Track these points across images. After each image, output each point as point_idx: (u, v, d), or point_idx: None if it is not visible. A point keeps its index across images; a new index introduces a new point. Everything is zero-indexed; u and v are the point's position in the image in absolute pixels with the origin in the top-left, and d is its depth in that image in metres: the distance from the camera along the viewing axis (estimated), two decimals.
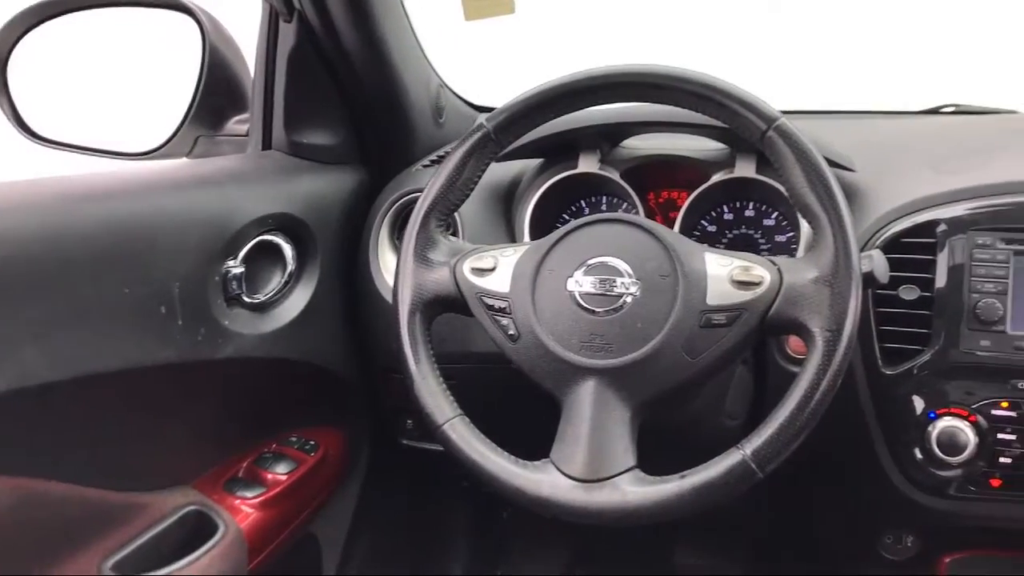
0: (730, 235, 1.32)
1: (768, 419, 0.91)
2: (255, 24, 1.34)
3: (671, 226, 1.27)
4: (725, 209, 1.32)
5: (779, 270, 0.95)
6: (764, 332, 0.95)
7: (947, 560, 1.24)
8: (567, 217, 1.37)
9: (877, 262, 0.97)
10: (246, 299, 1.20)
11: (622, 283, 0.96)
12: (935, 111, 1.57)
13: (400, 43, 1.38)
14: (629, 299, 0.95)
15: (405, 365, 1.02)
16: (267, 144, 1.37)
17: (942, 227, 1.11)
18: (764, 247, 1.31)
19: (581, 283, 0.97)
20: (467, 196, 1.07)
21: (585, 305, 0.96)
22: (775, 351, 1.18)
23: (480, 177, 1.06)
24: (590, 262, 0.98)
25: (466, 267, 1.03)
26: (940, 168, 1.18)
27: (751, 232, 1.31)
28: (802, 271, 0.94)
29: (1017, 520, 1.05)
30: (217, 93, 1.40)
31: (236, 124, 1.45)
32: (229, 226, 1.16)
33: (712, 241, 1.33)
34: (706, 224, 1.33)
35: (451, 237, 1.09)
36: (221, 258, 1.15)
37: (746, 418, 1.21)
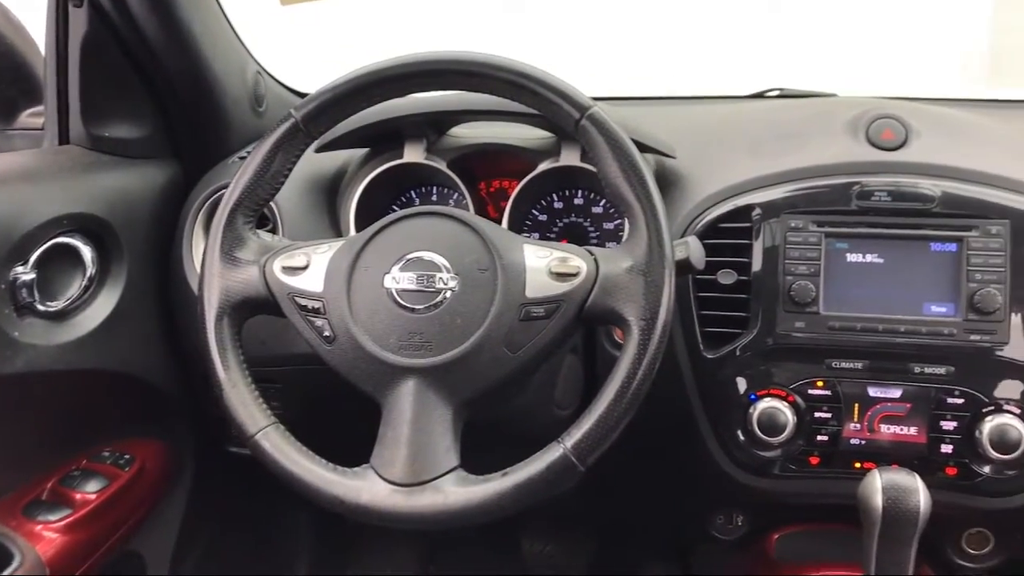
0: (560, 224, 1.31)
1: (587, 411, 0.90)
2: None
3: (501, 216, 1.25)
4: (555, 198, 1.31)
5: (596, 260, 0.94)
6: (583, 323, 0.94)
7: (775, 537, 1.28)
8: (395, 209, 1.33)
9: (693, 248, 0.97)
10: (39, 308, 1.10)
11: (440, 278, 0.93)
12: (760, 95, 1.61)
13: (208, 28, 1.30)
14: (448, 295, 0.92)
15: (213, 373, 0.96)
16: (64, 138, 1.26)
17: (757, 212, 1.13)
18: (593, 235, 1.30)
19: (398, 280, 0.94)
20: (277, 190, 1.01)
21: (403, 302, 0.93)
22: (603, 338, 1.18)
23: (291, 170, 1.01)
24: (407, 257, 0.95)
25: (276, 266, 0.98)
26: (757, 152, 1.20)
27: (581, 220, 1.31)
28: (617, 261, 0.93)
29: (837, 495, 1.08)
30: (6, 83, 1.28)
31: (30, 117, 1.33)
32: (16, 228, 1.06)
33: (544, 230, 1.32)
34: (537, 213, 1.32)
35: (262, 234, 1.03)
36: (8, 264, 1.05)
37: (578, 406, 1.20)
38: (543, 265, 0.94)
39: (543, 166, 1.24)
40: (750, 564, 1.31)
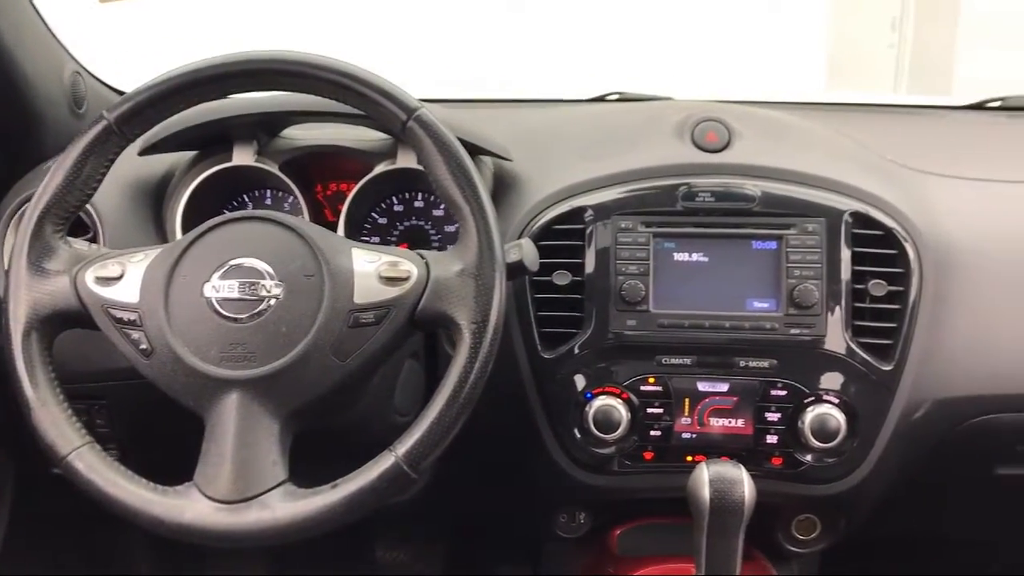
0: (401, 227, 1.30)
1: (418, 418, 0.89)
2: None
3: (338, 220, 1.22)
4: (395, 201, 1.30)
5: (427, 264, 0.93)
6: (415, 328, 0.93)
7: (617, 532, 1.30)
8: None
9: (526, 250, 0.98)
10: None
11: (264, 286, 0.90)
12: (601, 99, 1.64)
13: (17, 26, 1.22)
14: (272, 303, 0.90)
15: (20, 391, 0.90)
16: None
17: (589, 213, 1.14)
18: (435, 238, 1.30)
19: (219, 288, 0.90)
20: (90, 195, 0.96)
21: (224, 312, 0.89)
22: (444, 341, 1.17)
23: (104, 174, 0.95)
24: (228, 264, 0.91)
25: (89, 276, 0.93)
26: (590, 155, 1.22)
27: (422, 223, 1.30)
28: (448, 264, 0.93)
29: (672, 488, 1.11)
30: None
31: None
32: None
33: (384, 234, 1.30)
34: (376, 217, 1.30)
35: (74, 242, 0.98)
36: None
37: (419, 412, 1.19)
38: (372, 270, 0.92)
39: (380, 168, 1.22)
40: (593, 561, 1.33)
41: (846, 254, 1.12)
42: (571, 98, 1.67)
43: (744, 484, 1.02)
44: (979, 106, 1.63)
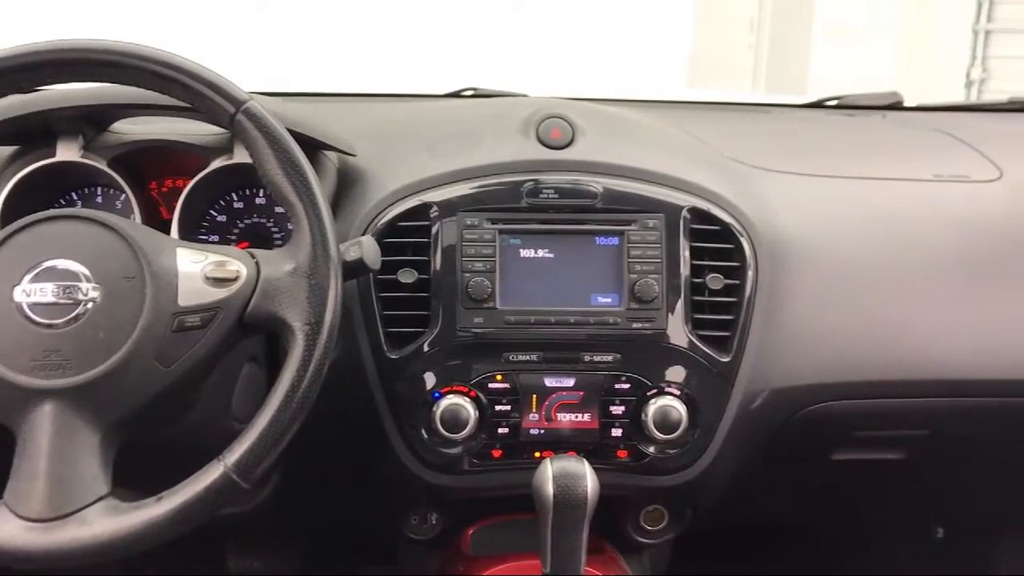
0: (242, 225, 1.25)
1: (249, 425, 0.86)
2: None
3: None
4: (235, 197, 1.25)
5: (257, 263, 0.90)
6: (245, 331, 0.90)
7: (471, 532, 1.29)
8: None
9: (367, 248, 0.96)
10: None
11: (80, 289, 0.85)
12: (456, 94, 1.63)
13: None
14: (89, 306, 0.85)
15: None
16: None
17: (434, 210, 1.13)
18: (277, 236, 1.25)
19: (30, 292, 0.84)
20: None
21: (36, 317, 0.84)
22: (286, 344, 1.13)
23: None
24: (41, 267, 0.86)
25: None
26: (436, 151, 1.20)
27: (264, 220, 1.25)
28: (279, 263, 0.90)
29: (521, 485, 1.10)
30: None
31: None
32: None
33: (224, 232, 1.25)
34: (215, 214, 1.24)
35: None
36: None
37: None
38: (198, 270, 0.88)
39: (216, 164, 1.17)
40: (445, 561, 1.32)
41: (685, 249, 1.14)
42: (425, 93, 1.66)
43: (587, 479, 1.02)
44: (818, 104, 1.71)
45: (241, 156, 1.16)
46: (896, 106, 1.63)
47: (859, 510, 1.59)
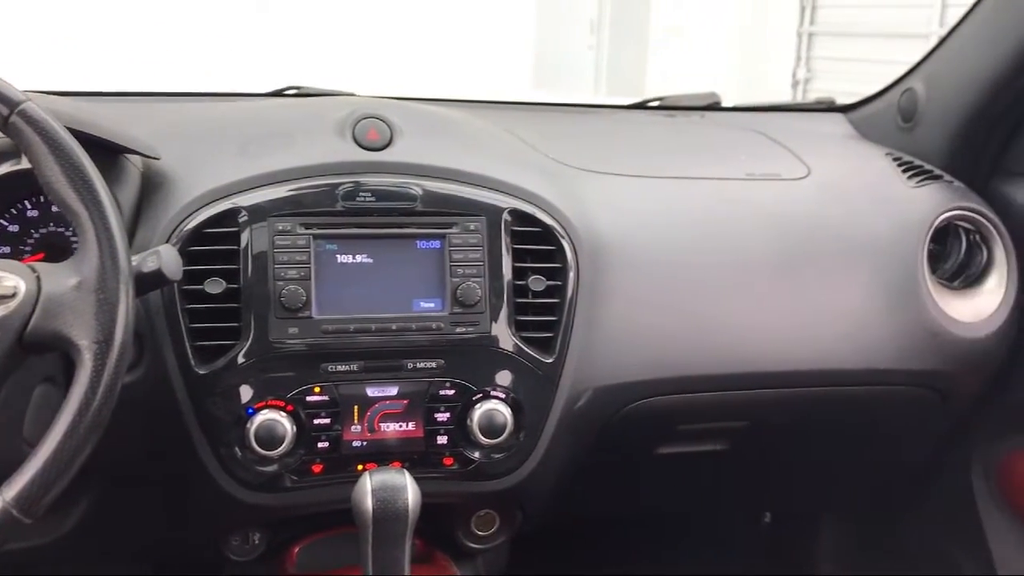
0: (37, 235, 1.15)
1: (32, 454, 0.79)
2: None
3: None
4: (28, 205, 1.15)
5: (38, 278, 0.83)
6: (28, 351, 0.82)
7: (296, 549, 1.24)
8: None
9: (166, 258, 0.90)
10: None
11: None
12: (279, 93, 1.56)
13: None
14: None
15: None
16: None
17: (243, 215, 1.07)
18: (77, 246, 1.16)
19: None
20: None
21: None
22: None
23: None
24: None
25: None
26: (246, 152, 1.15)
27: (62, 230, 1.16)
28: (63, 278, 0.83)
29: (344, 500, 1.06)
30: None
31: None
32: None
33: (17, 243, 1.15)
34: (6, 224, 1.14)
35: None
36: None
37: None
38: None
39: (3, 169, 1.08)
40: None
41: (507, 251, 1.12)
42: (244, 92, 1.58)
43: (408, 491, 0.99)
44: (641, 105, 1.73)
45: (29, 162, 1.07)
46: (714, 107, 1.67)
47: (689, 501, 1.62)
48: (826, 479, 1.57)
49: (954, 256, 1.35)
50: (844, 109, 1.66)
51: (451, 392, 1.11)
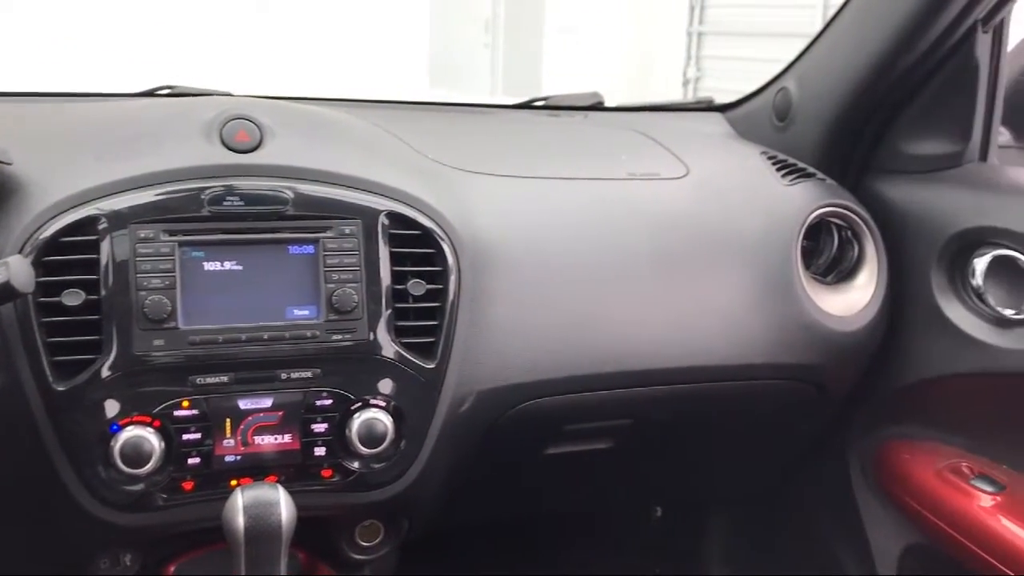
0: None
1: None
2: None
3: None
4: None
5: None
6: None
7: (171, 569, 1.19)
8: None
9: (15, 270, 0.85)
10: None
11: None
12: (151, 93, 1.50)
13: None
14: None
15: None
16: None
17: (103, 223, 1.02)
18: None
19: None
20: None
21: None
22: None
23: None
24: None
25: None
26: (106, 156, 1.09)
27: None
28: None
29: (217, 518, 1.02)
30: None
31: None
32: None
33: None
34: None
35: None
36: None
37: None
38: None
39: None
40: None
41: (384, 255, 1.10)
42: (111, 92, 1.51)
43: (281, 506, 0.96)
44: (526, 105, 1.73)
45: None
46: (597, 106, 1.68)
47: (580, 500, 1.63)
48: (711, 472, 1.60)
49: (827, 252, 1.38)
50: (723, 108, 1.69)
51: (328, 402, 1.08)
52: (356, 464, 1.09)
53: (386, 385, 1.09)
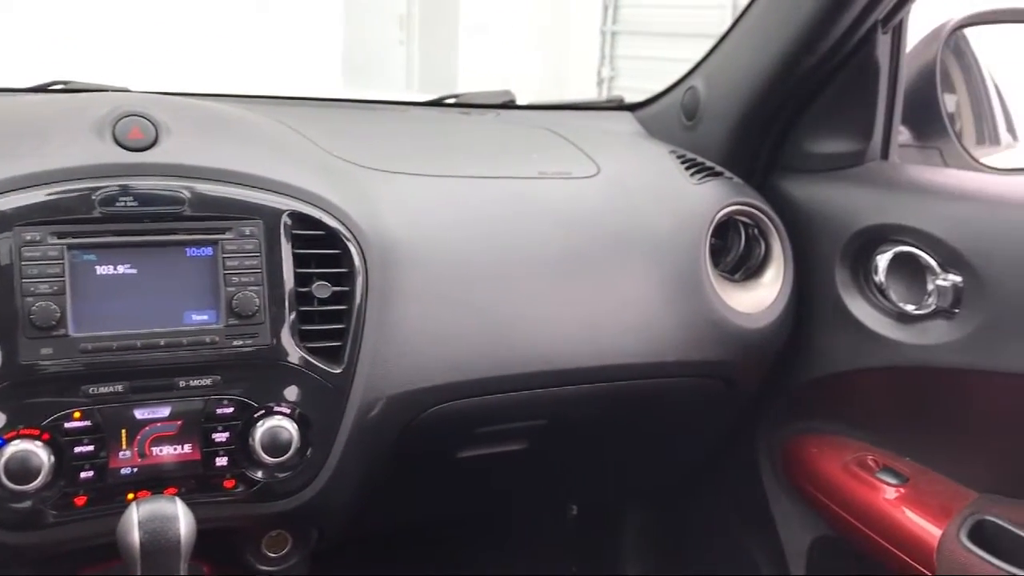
0: None
1: None
2: None
3: None
4: None
5: None
6: None
7: None
8: None
9: None
10: None
11: None
12: (43, 88, 1.43)
13: None
14: None
15: None
16: None
17: None
18: None
19: None
20: None
21: None
22: None
23: None
24: None
25: None
26: None
27: None
28: None
29: (112, 533, 0.97)
30: None
31: None
32: None
33: None
34: None
35: None
36: None
37: None
38: None
39: None
40: None
41: (287, 257, 1.06)
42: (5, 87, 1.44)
43: (180, 520, 0.92)
44: (437, 103, 1.71)
45: None
46: (509, 105, 1.67)
47: (497, 501, 1.62)
48: (626, 470, 1.60)
49: (734, 250, 1.40)
50: (633, 108, 1.69)
51: (230, 410, 1.04)
52: (260, 474, 1.06)
53: (291, 392, 1.06)
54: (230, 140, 1.15)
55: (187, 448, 1.03)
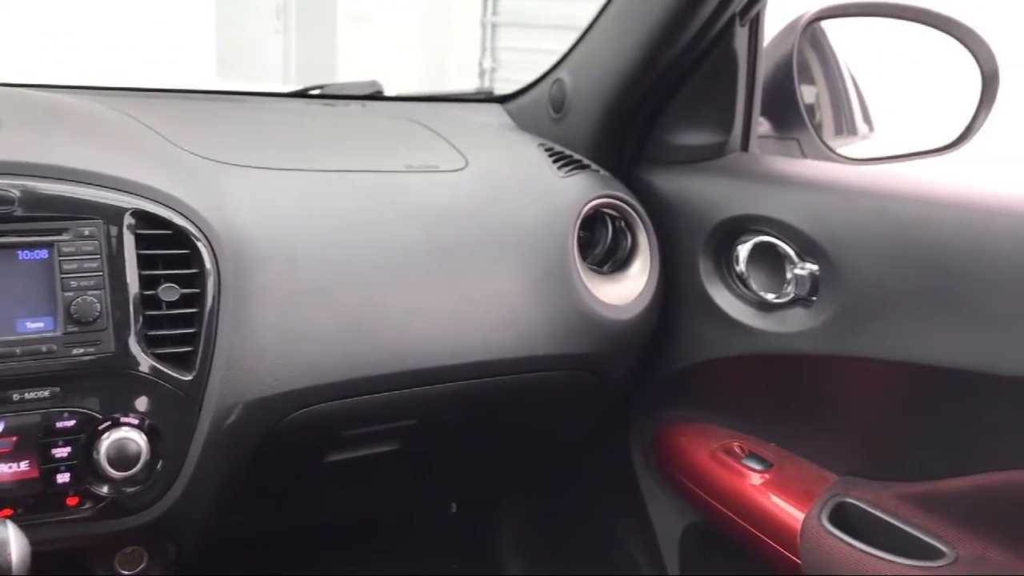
0: None
1: None
2: None
3: None
4: None
5: None
6: None
7: None
8: None
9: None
10: None
11: None
12: None
13: None
14: None
15: None
16: None
17: None
18: None
19: None
20: None
21: None
22: None
23: None
24: None
25: None
26: None
27: None
28: None
29: None
30: None
31: None
32: None
33: None
34: None
35: None
36: None
37: None
38: None
39: None
40: None
41: (131, 258, 1.00)
42: None
43: (11, 544, 0.86)
44: (301, 94, 1.65)
45: None
46: (376, 96, 1.63)
47: (374, 502, 1.58)
48: (502, 465, 1.59)
49: (602, 242, 1.40)
50: (502, 100, 1.68)
51: (71, 423, 0.97)
52: (106, 489, 1.00)
53: (140, 402, 1.00)
54: (67, 134, 1.08)
55: (23, 466, 0.96)
